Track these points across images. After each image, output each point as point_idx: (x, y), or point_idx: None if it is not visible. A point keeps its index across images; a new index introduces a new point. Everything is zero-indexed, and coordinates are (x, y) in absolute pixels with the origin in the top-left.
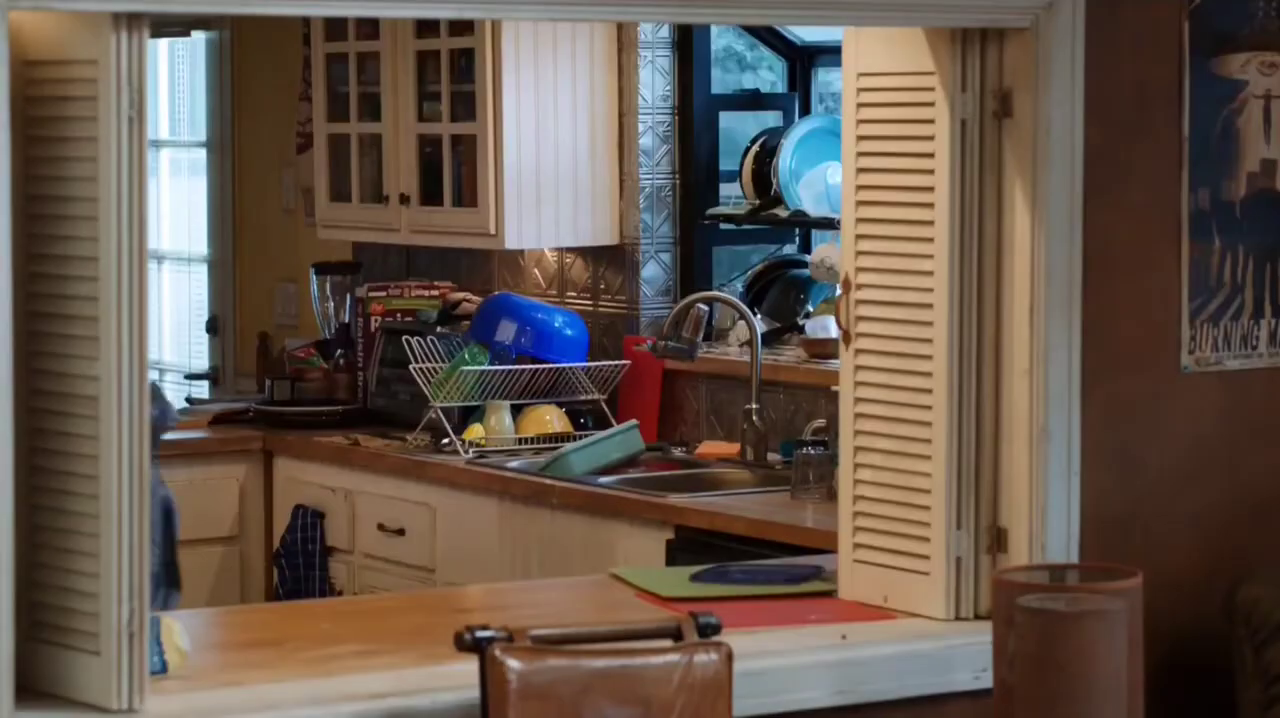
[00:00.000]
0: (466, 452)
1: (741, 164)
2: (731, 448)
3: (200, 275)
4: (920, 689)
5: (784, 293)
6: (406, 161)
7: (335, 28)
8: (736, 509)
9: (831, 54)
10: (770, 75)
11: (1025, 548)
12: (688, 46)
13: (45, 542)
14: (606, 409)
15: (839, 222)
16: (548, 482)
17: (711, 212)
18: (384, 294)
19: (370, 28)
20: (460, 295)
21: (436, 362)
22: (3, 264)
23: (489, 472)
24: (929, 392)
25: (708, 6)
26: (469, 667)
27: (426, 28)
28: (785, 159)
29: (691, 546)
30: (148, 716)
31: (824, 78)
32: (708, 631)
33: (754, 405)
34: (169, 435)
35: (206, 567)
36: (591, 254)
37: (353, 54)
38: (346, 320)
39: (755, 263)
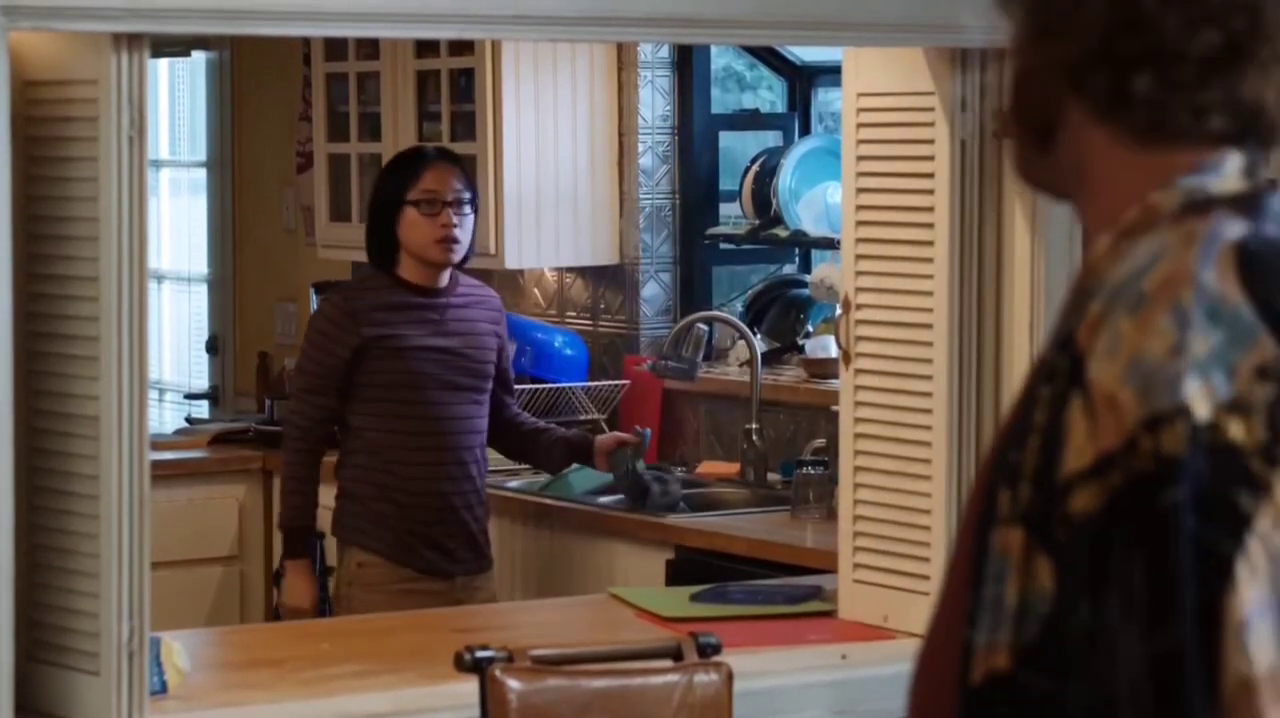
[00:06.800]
0: None
1: (741, 184)
2: (731, 468)
3: (200, 295)
4: None
5: (784, 313)
6: None
7: (335, 48)
8: (736, 529)
9: (831, 74)
10: (770, 95)
11: None
12: (687, 66)
13: (45, 561)
14: (606, 429)
15: (839, 241)
16: (547, 502)
17: (711, 231)
18: None
19: (370, 48)
20: None
21: None
22: (3, 283)
23: (488, 492)
24: (929, 412)
25: (707, 27)
26: (469, 687)
27: (426, 48)
28: (785, 179)
29: (691, 565)
30: None
31: (824, 97)
32: (708, 651)
33: (754, 425)
34: (169, 454)
35: (206, 587)
36: (591, 274)
37: (353, 74)
38: None
39: (755, 283)
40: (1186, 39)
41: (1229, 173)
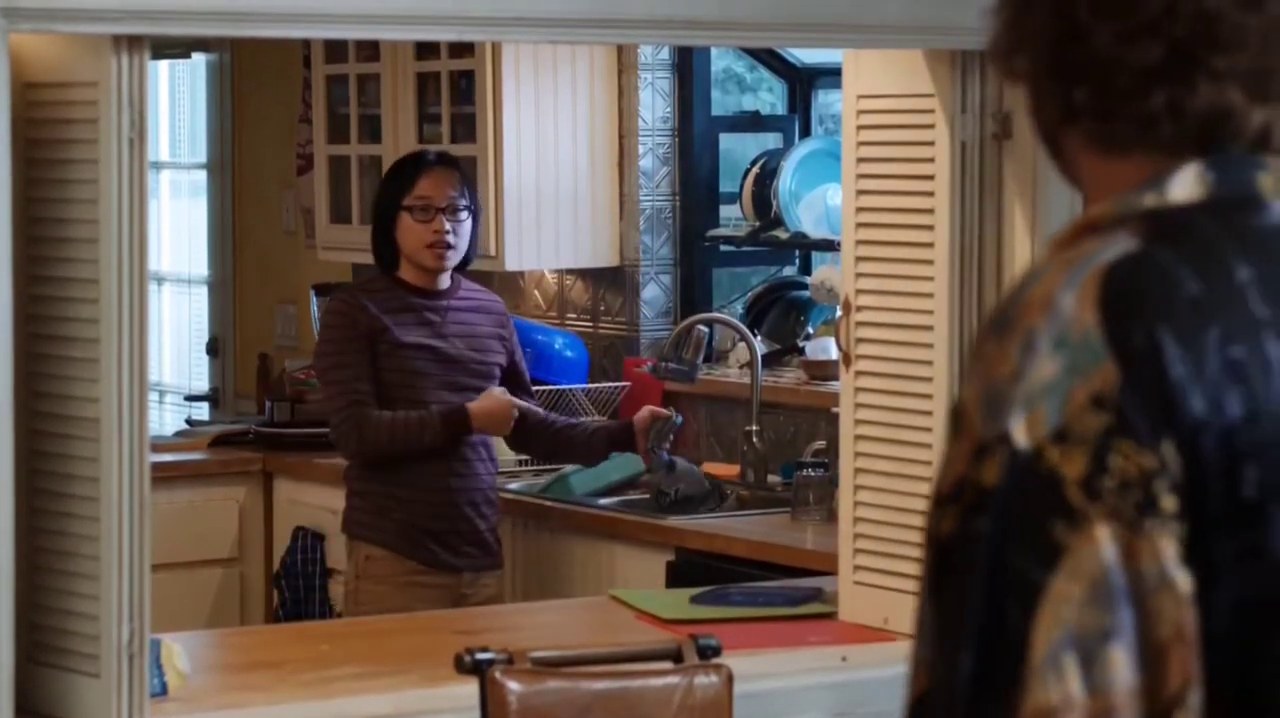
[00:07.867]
0: None
1: (741, 186)
2: (731, 469)
3: (200, 297)
4: None
5: (784, 315)
6: None
7: (335, 50)
8: (736, 531)
9: (831, 76)
10: (770, 97)
11: None
12: (688, 68)
13: (45, 563)
14: None
15: (839, 243)
16: (547, 503)
17: (711, 233)
18: None
19: (370, 50)
20: None
21: None
22: (3, 285)
23: None
24: (929, 413)
25: (708, 29)
26: (469, 689)
27: (427, 50)
28: (785, 181)
29: (691, 567)
30: None
31: (824, 99)
32: (708, 652)
33: (754, 427)
34: (169, 456)
35: (206, 589)
36: (592, 276)
37: (353, 76)
38: None
39: (755, 284)
40: (1123, 49)
41: (1175, 186)
